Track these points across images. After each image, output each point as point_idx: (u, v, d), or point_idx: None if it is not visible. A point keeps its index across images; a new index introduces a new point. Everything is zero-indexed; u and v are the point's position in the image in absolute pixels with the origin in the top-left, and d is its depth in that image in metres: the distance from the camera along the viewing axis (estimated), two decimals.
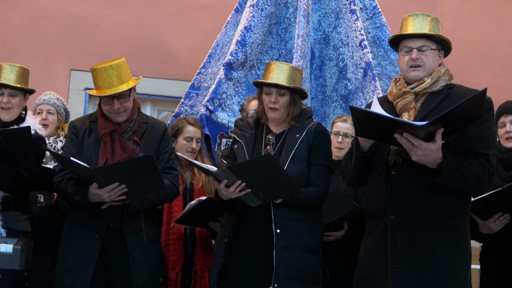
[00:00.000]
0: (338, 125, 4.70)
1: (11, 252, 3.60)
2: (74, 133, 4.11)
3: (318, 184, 3.90)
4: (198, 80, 5.87)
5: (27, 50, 6.55)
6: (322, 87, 5.72)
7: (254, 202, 3.77)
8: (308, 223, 3.89)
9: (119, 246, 3.93)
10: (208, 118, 5.39)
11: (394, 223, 3.41)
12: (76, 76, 6.61)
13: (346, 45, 5.67)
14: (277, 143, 4.00)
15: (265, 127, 4.08)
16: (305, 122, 4.02)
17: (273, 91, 3.98)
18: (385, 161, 3.48)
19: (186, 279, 4.61)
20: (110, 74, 3.99)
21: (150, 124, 4.15)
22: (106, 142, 3.99)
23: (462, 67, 6.70)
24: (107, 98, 4.01)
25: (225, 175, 3.64)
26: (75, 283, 3.88)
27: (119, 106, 4.01)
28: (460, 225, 3.46)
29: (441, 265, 3.36)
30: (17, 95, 4.23)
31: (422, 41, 3.53)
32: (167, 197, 4.09)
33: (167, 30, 6.79)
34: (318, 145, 3.96)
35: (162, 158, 4.06)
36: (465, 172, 3.30)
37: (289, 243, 3.79)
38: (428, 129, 3.17)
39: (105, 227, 3.92)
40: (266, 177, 3.64)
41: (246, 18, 5.65)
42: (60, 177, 4.03)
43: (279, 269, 3.75)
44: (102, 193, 3.79)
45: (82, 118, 4.30)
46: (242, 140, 4.01)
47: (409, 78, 3.54)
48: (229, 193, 3.70)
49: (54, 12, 6.67)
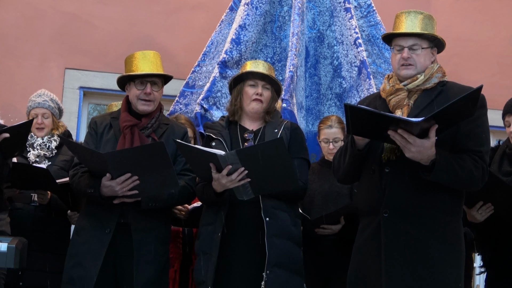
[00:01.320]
0: (325, 132, 4.74)
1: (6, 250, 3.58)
2: (94, 128, 4.17)
3: (301, 177, 3.95)
4: (192, 78, 5.87)
5: (21, 49, 6.53)
6: (316, 85, 5.72)
7: (246, 195, 3.76)
8: (292, 215, 3.96)
9: (127, 243, 3.94)
10: (203, 116, 5.38)
11: (388, 220, 3.42)
12: (71, 75, 6.59)
13: (341, 43, 5.67)
14: (255, 139, 4.05)
15: (238, 126, 4.13)
16: (279, 120, 4.13)
17: (259, 84, 4.07)
18: (379, 158, 3.50)
19: (184, 277, 4.62)
20: (150, 58, 4.14)
21: (170, 126, 4.19)
22: (126, 134, 4.03)
23: (456, 65, 6.71)
24: (142, 80, 4.10)
25: (231, 159, 3.63)
26: (82, 276, 3.90)
27: (150, 91, 4.08)
28: (454, 222, 3.47)
29: (434, 263, 3.37)
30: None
31: (413, 40, 3.54)
32: (183, 198, 4.09)
33: (162, 28, 6.78)
34: (296, 140, 4.05)
35: (180, 160, 4.08)
36: (458, 169, 3.31)
37: (278, 231, 3.85)
38: (422, 125, 3.17)
39: (115, 222, 3.93)
40: (269, 164, 3.63)
41: (241, 16, 5.65)
42: (75, 170, 4.06)
43: (271, 257, 3.79)
44: (115, 185, 3.79)
45: (103, 115, 4.38)
46: (219, 138, 4.03)
47: (401, 76, 3.56)
48: (228, 181, 3.70)
49: (48, 11, 6.65)
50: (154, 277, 3.96)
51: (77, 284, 3.93)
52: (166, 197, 3.98)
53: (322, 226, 4.42)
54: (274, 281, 3.79)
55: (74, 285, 3.94)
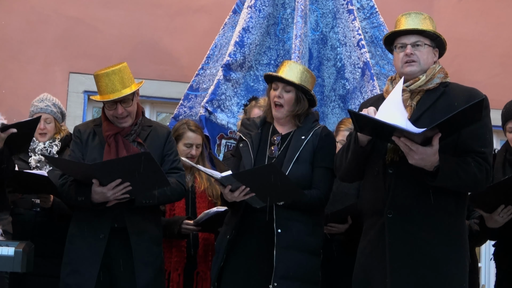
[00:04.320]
0: (344, 134, 4.71)
1: (13, 255, 3.60)
2: (78, 136, 4.17)
3: (321, 187, 3.92)
4: (196, 81, 5.87)
5: (25, 53, 6.55)
6: (320, 87, 5.72)
7: (258, 204, 3.81)
8: (309, 224, 3.91)
9: (122, 247, 3.96)
10: (207, 119, 5.40)
11: (392, 221, 3.43)
12: (75, 79, 6.60)
13: (344, 45, 5.68)
14: (282, 144, 4.02)
15: (271, 127, 4.10)
16: (311, 125, 4.04)
17: (280, 86, 4.00)
18: (382, 159, 3.50)
19: (188, 280, 4.63)
20: (113, 79, 4.05)
21: (153, 128, 4.20)
22: (111, 143, 4.04)
23: (459, 66, 6.71)
24: (110, 103, 4.06)
25: (228, 181, 3.68)
26: (80, 284, 3.91)
27: (123, 110, 4.07)
28: (458, 223, 3.49)
29: (439, 263, 3.39)
30: None
31: (416, 37, 3.55)
32: (174, 195, 4.11)
33: (165, 32, 6.79)
34: (323, 148, 3.98)
35: (167, 160, 4.11)
36: (462, 173, 3.32)
37: (289, 243, 3.81)
38: (426, 134, 3.18)
39: (109, 227, 3.95)
40: (269, 183, 3.66)
41: (244, 19, 5.66)
42: (64, 179, 4.07)
43: (279, 269, 3.77)
44: (106, 191, 3.82)
45: (86, 122, 4.39)
46: (247, 139, 4.03)
47: (405, 74, 3.55)
48: (233, 197, 3.74)
49: (51, 15, 6.66)
50: (153, 279, 4.00)
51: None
52: (159, 194, 4.00)
53: (329, 224, 4.43)
54: None
55: None
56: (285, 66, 4.05)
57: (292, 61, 4.17)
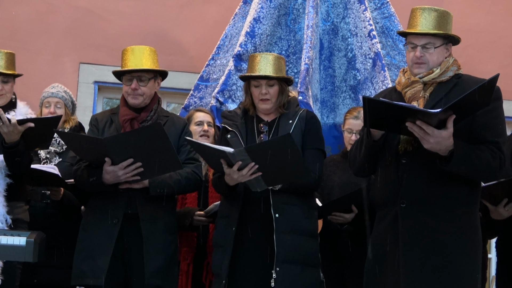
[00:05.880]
0: (351, 122, 4.74)
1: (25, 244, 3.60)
2: (95, 125, 4.22)
3: (313, 168, 3.95)
4: (207, 72, 5.87)
5: (35, 44, 6.55)
6: (331, 78, 5.72)
7: (260, 186, 3.78)
8: (304, 207, 3.96)
9: (135, 234, 3.97)
10: (218, 109, 5.39)
11: (405, 211, 3.44)
12: (85, 69, 6.61)
13: (355, 36, 5.67)
14: (270, 131, 4.05)
15: (255, 117, 4.12)
16: (294, 109, 4.09)
17: (262, 83, 4.04)
18: (395, 150, 3.51)
19: (197, 270, 4.63)
20: (137, 54, 4.14)
21: (170, 118, 4.24)
22: (126, 128, 4.07)
23: (470, 57, 6.69)
24: (128, 77, 4.14)
25: (240, 156, 3.64)
26: (93, 269, 3.93)
27: (137, 86, 4.10)
28: (470, 213, 3.50)
29: (452, 253, 3.40)
30: (8, 81, 4.37)
31: (426, 39, 3.55)
32: (189, 185, 4.12)
33: (174, 22, 6.79)
34: (311, 130, 4.03)
35: (184, 150, 4.12)
36: (476, 159, 3.33)
37: (288, 227, 3.85)
38: (440, 116, 3.18)
39: (123, 213, 3.96)
40: (279, 159, 3.64)
41: (255, 9, 5.65)
42: (78, 165, 4.09)
43: (280, 253, 3.80)
44: (117, 170, 3.83)
45: (103, 111, 4.43)
46: (235, 130, 4.03)
47: (414, 74, 3.58)
48: (240, 176, 3.70)
49: (61, 6, 6.67)
50: (164, 266, 3.99)
51: (88, 276, 3.96)
52: (173, 183, 4.02)
53: (334, 214, 4.43)
54: (285, 276, 3.80)
55: (85, 278, 3.98)
56: (258, 61, 4.06)
57: (260, 54, 4.18)
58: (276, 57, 4.12)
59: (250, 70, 4.07)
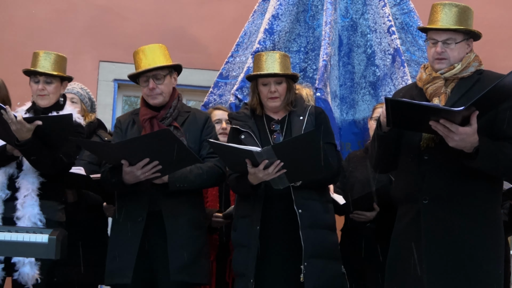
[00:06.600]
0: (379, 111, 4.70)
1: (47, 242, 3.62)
2: (119, 127, 4.27)
3: (332, 161, 3.96)
4: (226, 69, 5.88)
5: (54, 42, 6.56)
6: (350, 74, 5.71)
7: (282, 184, 3.79)
8: (323, 201, 4.01)
9: (160, 231, 3.98)
10: (237, 107, 5.39)
11: (428, 207, 3.44)
12: (105, 67, 6.64)
13: (374, 32, 5.65)
14: (282, 129, 4.08)
15: (264, 116, 4.14)
16: (303, 106, 4.13)
17: (271, 81, 4.06)
18: (417, 146, 3.51)
19: (221, 268, 4.63)
20: (148, 54, 4.16)
21: (192, 113, 4.24)
22: (146, 127, 4.10)
23: (490, 52, 6.62)
24: (144, 78, 4.15)
25: (266, 155, 3.65)
26: (120, 268, 3.97)
27: (154, 86, 4.11)
28: (492, 209, 3.49)
29: (474, 249, 3.39)
30: (52, 82, 4.28)
31: (447, 35, 3.54)
32: (211, 178, 4.12)
33: (193, 19, 6.80)
34: (321, 125, 4.05)
35: (205, 144, 4.11)
36: (501, 156, 3.32)
37: (311, 221, 3.89)
38: (463, 113, 3.17)
39: (146, 211, 3.99)
40: (303, 156, 3.66)
41: (274, 6, 5.64)
42: (104, 167, 4.15)
43: (307, 248, 3.84)
44: (135, 170, 3.85)
45: (127, 113, 4.45)
46: (248, 130, 4.05)
47: (435, 69, 3.58)
48: (265, 175, 3.72)
49: (80, 4, 6.70)
50: (189, 262, 3.99)
51: (116, 276, 4.01)
52: (194, 177, 4.03)
53: (356, 212, 4.43)
54: (312, 272, 3.83)
55: (114, 278, 4.04)
56: (265, 59, 4.08)
57: (266, 52, 4.21)
58: (282, 54, 4.15)
59: (257, 69, 4.09)
